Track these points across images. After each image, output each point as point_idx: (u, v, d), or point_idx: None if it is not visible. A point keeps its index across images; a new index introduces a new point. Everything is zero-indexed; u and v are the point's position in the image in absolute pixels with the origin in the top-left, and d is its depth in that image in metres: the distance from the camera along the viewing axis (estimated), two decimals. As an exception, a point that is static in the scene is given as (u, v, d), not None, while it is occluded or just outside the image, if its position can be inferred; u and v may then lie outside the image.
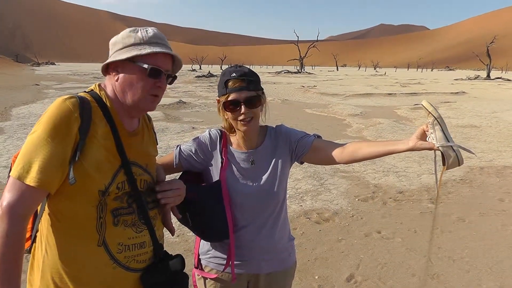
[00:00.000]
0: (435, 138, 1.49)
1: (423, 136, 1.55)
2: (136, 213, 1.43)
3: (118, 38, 1.43)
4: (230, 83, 1.73)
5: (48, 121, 1.27)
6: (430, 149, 1.52)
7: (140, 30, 1.43)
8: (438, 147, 1.48)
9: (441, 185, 1.52)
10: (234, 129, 1.83)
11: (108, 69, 1.45)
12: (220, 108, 1.80)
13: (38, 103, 16.04)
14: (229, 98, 1.73)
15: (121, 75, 1.41)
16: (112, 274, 1.37)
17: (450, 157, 1.46)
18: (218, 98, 1.82)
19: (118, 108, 1.43)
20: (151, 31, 1.43)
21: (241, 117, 1.74)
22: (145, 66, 1.39)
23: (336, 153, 1.78)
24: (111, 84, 1.45)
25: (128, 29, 1.44)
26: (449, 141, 1.47)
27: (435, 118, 1.50)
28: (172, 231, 1.62)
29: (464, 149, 1.48)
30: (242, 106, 1.72)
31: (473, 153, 1.55)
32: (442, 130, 1.49)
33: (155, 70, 1.40)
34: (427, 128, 1.53)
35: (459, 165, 1.47)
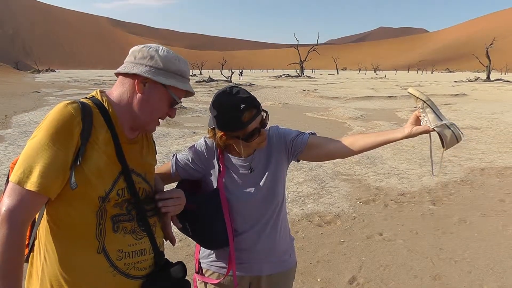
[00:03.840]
0: (428, 120, 1.52)
1: (418, 122, 1.58)
2: (136, 220, 1.42)
3: (157, 56, 1.40)
4: (246, 116, 1.63)
5: (49, 126, 1.26)
6: (426, 132, 1.54)
7: (181, 60, 1.45)
8: (433, 128, 1.50)
9: (443, 161, 1.53)
10: (230, 147, 1.79)
11: (132, 76, 1.40)
12: (237, 141, 1.70)
13: (38, 111, 16.04)
14: (250, 130, 1.66)
15: (147, 92, 1.40)
16: (112, 281, 1.36)
17: (447, 136, 1.48)
18: (224, 132, 1.69)
19: (120, 114, 1.41)
20: (186, 64, 1.47)
21: (261, 140, 1.72)
22: (177, 99, 1.44)
23: (333, 148, 1.78)
24: (124, 90, 1.42)
25: (171, 52, 1.43)
26: (442, 120, 1.50)
27: (424, 102, 1.53)
28: (173, 241, 1.61)
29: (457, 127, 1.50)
30: (261, 130, 1.70)
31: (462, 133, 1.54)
32: (434, 112, 1.52)
33: (177, 103, 1.46)
34: (419, 113, 1.56)
35: (458, 142, 1.50)
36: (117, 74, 1.45)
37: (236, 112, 1.62)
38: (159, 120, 1.48)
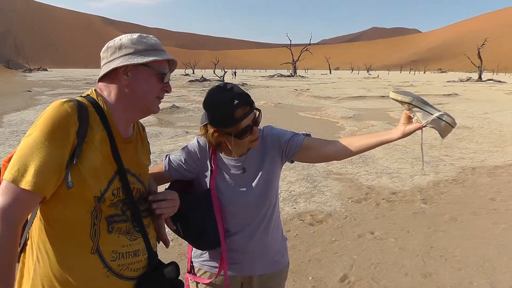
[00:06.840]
0: (418, 119, 1.54)
1: (410, 120, 1.59)
2: (130, 221, 1.40)
3: (125, 43, 1.40)
4: (239, 112, 1.62)
5: (45, 124, 1.24)
6: (418, 129, 1.56)
7: (148, 37, 1.45)
8: (424, 124, 1.52)
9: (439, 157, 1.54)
10: (222, 146, 1.78)
11: (113, 73, 1.40)
12: (229, 138, 1.68)
13: (30, 110, 15.93)
14: (242, 127, 1.65)
15: (132, 79, 1.39)
16: (105, 282, 1.34)
17: (441, 126, 1.50)
18: (216, 128, 1.69)
19: (114, 114, 1.41)
20: (156, 38, 1.47)
21: (253, 138, 1.70)
22: (164, 71, 1.43)
23: (328, 150, 1.78)
24: (111, 89, 1.42)
25: (135, 35, 1.43)
26: (432, 114, 1.51)
27: (409, 103, 1.54)
28: (167, 243, 1.59)
29: (448, 115, 1.51)
30: (253, 128, 1.68)
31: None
32: (421, 109, 1.53)
33: (166, 75, 1.44)
34: (409, 113, 1.58)
35: (453, 127, 1.51)
36: (99, 81, 1.45)
37: (229, 108, 1.60)
38: (158, 98, 1.46)
